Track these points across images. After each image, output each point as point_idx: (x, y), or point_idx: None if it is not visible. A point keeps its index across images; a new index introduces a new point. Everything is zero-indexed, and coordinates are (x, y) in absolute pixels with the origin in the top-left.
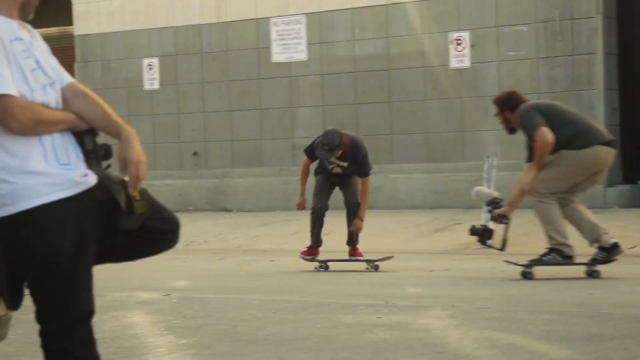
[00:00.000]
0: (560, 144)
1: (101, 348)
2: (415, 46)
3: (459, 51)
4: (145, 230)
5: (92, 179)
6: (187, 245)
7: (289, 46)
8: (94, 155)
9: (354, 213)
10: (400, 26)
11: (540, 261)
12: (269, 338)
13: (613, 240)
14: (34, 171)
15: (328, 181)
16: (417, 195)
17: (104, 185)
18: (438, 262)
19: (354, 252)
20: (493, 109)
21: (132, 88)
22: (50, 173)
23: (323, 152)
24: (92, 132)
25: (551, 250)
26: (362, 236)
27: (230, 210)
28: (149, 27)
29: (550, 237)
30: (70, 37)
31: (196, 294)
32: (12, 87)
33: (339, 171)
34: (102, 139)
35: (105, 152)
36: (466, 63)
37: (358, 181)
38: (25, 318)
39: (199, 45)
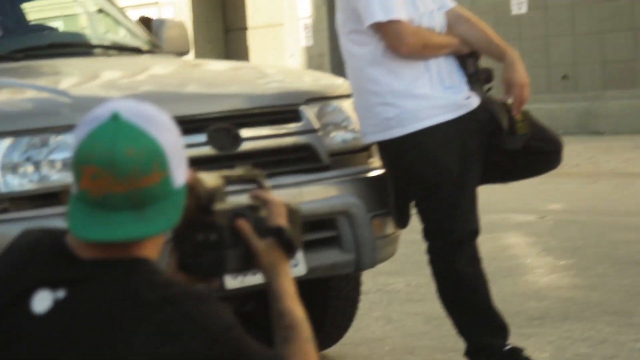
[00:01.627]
0: None
1: None
2: None
3: None
4: (528, 151)
5: (475, 101)
6: (558, 169)
7: None
8: (476, 78)
9: None
10: None
11: None
12: None
13: None
14: (419, 94)
15: None
16: None
17: (487, 107)
18: None
19: None
20: None
21: (499, 13)
22: (435, 96)
23: None
24: (474, 55)
25: None
26: None
27: (602, 133)
28: None
29: None
30: None
31: (572, 216)
32: (402, 13)
33: None
34: (483, 62)
35: (487, 76)
36: None
37: None
38: (409, 238)
39: None
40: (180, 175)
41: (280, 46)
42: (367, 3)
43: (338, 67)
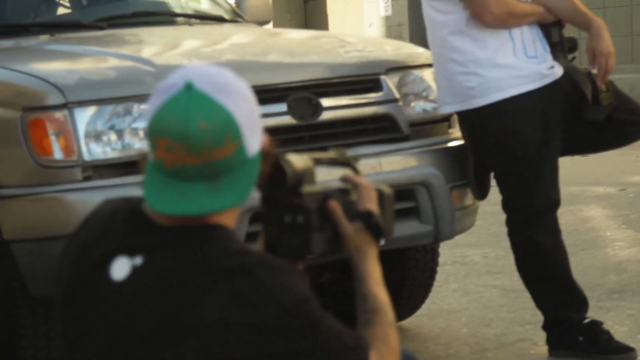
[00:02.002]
0: None
1: None
2: None
3: None
4: (611, 122)
5: (558, 71)
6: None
7: None
8: (560, 47)
9: None
10: None
11: None
12: None
13: None
14: (502, 64)
15: None
16: None
17: (570, 77)
18: None
19: None
20: None
21: None
22: (518, 66)
23: None
24: (558, 24)
25: None
26: None
27: None
28: None
29: None
30: None
31: None
32: None
33: None
34: (567, 31)
35: (571, 45)
36: None
37: None
38: (487, 210)
39: None
40: (254, 143)
41: (359, 15)
42: None
43: (417, 37)
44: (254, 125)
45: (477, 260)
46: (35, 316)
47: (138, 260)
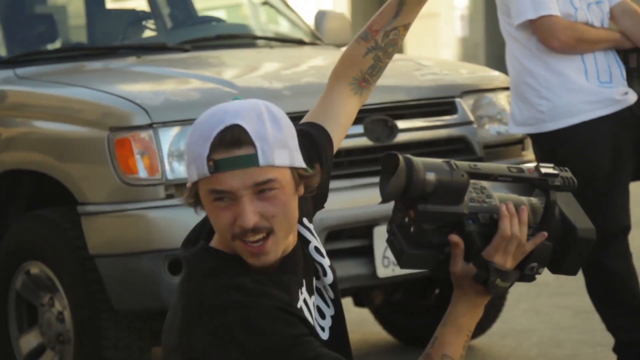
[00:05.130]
0: None
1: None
2: None
3: None
4: None
5: (632, 98)
6: None
7: None
8: (637, 73)
9: None
10: None
11: None
12: None
13: None
14: (574, 89)
15: None
16: None
17: None
18: None
19: None
20: None
21: None
22: (590, 91)
23: None
24: (637, 50)
25: None
26: None
27: None
28: None
29: None
30: None
31: None
32: (554, 8)
33: None
34: None
35: None
36: None
37: None
38: None
39: None
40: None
41: (435, 36)
42: (519, 1)
43: (493, 58)
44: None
45: (548, 280)
46: (118, 329)
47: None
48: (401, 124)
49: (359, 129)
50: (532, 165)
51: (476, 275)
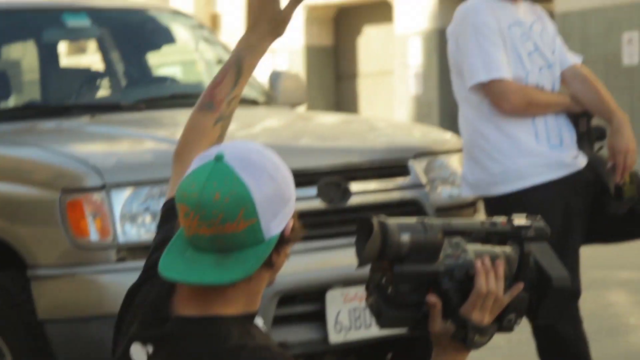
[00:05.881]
0: None
1: None
2: None
3: None
4: (634, 214)
5: (582, 161)
6: None
7: None
8: (587, 137)
9: None
10: None
11: None
12: None
13: None
14: (524, 152)
15: None
16: None
17: (595, 167)
18: None
19: None
20: None
21: (610, 63)
22: (541, 154)
23: None
24: (587, 114)
25: None
26: None
27: None
28: (629, 1)
29: None
30: (551, 13)
31: None
32: (505, 71)
33: None
34: (597, 120)
35: (599, 134)
36: None
37: None
38: None
39: None
40: (274, 226)
41: (389, 94)
42: (471, 64)
43: (446, 117)
44: (276, 207)
45: (502, 344)
46: None
47: (150, 348)
48: (354, 186)
49: (313, 191)
50: (504, 218)
51: (454, 334)
